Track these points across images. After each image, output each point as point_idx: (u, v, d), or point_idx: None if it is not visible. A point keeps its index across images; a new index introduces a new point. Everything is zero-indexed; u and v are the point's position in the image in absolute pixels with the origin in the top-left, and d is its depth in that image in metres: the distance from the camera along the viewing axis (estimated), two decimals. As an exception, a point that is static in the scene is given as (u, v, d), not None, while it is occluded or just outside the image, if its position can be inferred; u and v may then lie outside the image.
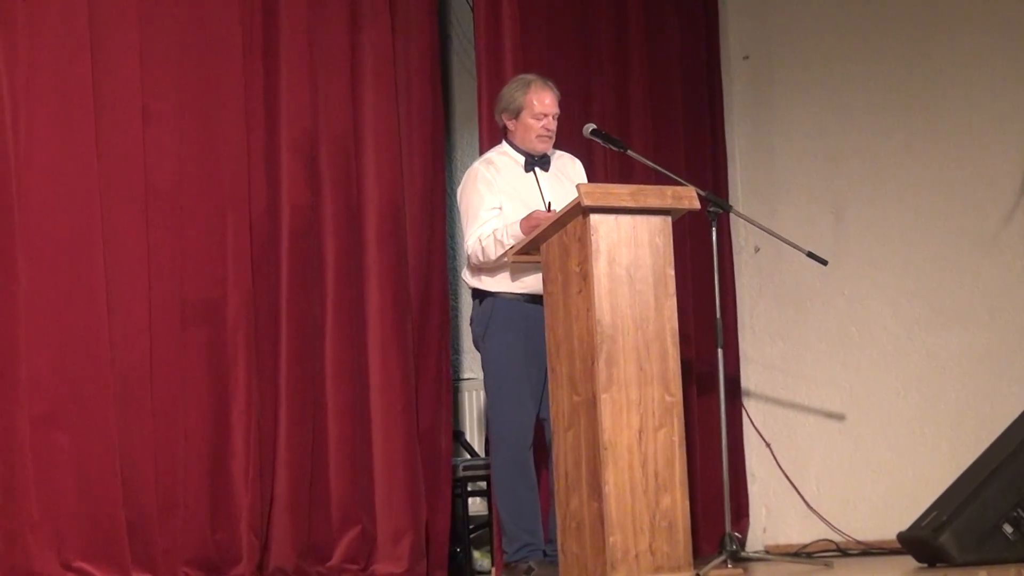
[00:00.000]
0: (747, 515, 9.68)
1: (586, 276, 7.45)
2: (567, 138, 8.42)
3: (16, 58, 7.64)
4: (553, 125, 8.31)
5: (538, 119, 8.24)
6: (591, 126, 8.35)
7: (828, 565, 8.00)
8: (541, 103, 8.27)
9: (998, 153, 8.18)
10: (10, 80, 7.63)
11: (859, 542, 8.91)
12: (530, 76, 8.46)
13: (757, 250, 9.85)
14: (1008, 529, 7.21)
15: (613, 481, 7.35)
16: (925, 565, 7.23)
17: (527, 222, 7.85)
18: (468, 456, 9.71)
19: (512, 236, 7.96)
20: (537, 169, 8.30)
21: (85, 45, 7.87)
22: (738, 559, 8.07)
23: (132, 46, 8.05)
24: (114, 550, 7.76)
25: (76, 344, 7.74)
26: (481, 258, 8.15)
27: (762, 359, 10.02)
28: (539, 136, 8.27)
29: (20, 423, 7.54)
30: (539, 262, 7.86)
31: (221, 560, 8.19)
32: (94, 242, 7.82)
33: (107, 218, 7.88)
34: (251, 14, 8.54)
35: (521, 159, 8.33)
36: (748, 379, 9.96)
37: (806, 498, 9.27)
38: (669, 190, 7.79)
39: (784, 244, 9.06)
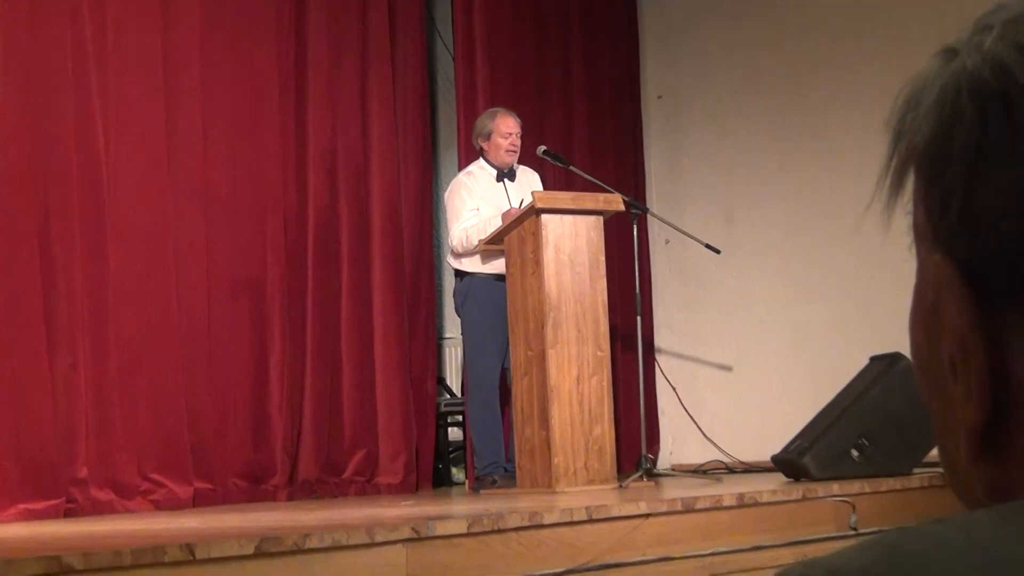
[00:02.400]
0: (658, 442, 9.67)
1: (538, 261, 7.53)
2: (524, 157, 8.46)
3: (107, 95, 7.72)
4: (517, 142, 8.36)
5: (505, 137, 8.29)
6: (542, 148, 8.32)
7: (718, 479, 7.97)
8: (506, 125, 8.32)
9: (853, 169, 8.19)
10: (103, 111, 7.71)
11: (742, 463, 8.88)
12: (496, 108, 8.52)
13: (667, 242, 9.81)
14: (855, 453, 7.20)
15: (557, 415, 7.46)
16: (792, 480, 7.23)
17: (506, 216, 7.94)
18: (448, 396, 9.70)
19: (488, 229, 8.06)
20: (506, 180, 8.32)
21: (159, 85, 7.95)
22: (651, 475, 8.08)
23: (195, 86, 8.15)
24: (180, 466, 7.89)
25: (152, 309, 7.85)
26: (465, 246, 8.23)
27: (670, 324, 10.00)
28: (507, 151, 8.31)
29: (110, 369, 7.64)
30: (503, 250, 7.93)
31: (261, 473, 8.32)
32: (166, 233, 7.94)
33: (176, 216, 8.00)
34: (286, 62, 8.60)
35: (494, 172, 8.34)
36: (660, 339, 9.91)
37: (703, 429, 9.24)
38: (601, 196, 7.87)
39: (687, 238, 9.09)
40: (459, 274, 8.46)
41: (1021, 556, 0.72)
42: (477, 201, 8.28)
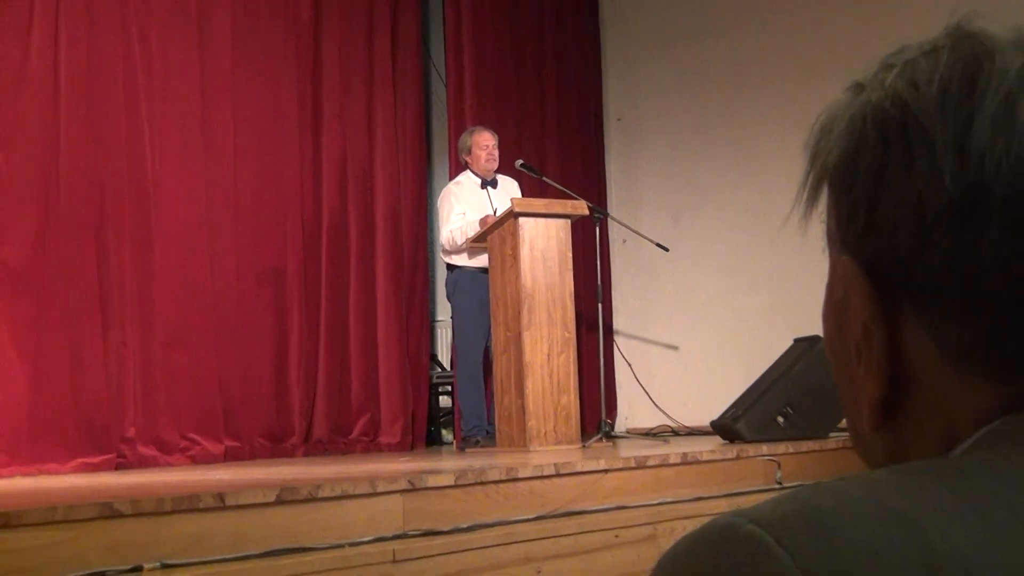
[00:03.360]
0: (615, 409, 9.67)
1: (516, 257, 7.51)
2: (504, 168, 8.45)
3: (153, 116, 7.76)
4: (495, 152, 8.34)
5: (483, 149, 8.28)
6: (520, 161, 8.26)
7: (666, 441, 7.94)
8: (483, 139, 8.32)
9: (779, 183, 8.16)
10: (150, 130, 7.74)
11: (686, 427, 8.87)
12: (474, 127, 8.52)
13: (624, 242, 9.80)
14: (780, 420, 7.19)
15: (531, 387, 7.46)
16: (727, 442, 7.23)
17: (483, 222, 7.94)
18: (439, 370, 9.69)
19: (471, 231, 8.05)
20: (489, 187, 8.29)
21: (197, 108, 7.97)
22: (609, 437, 8.04)
23: (227, 108, 8.15)
24: (213, 427, 7.92)
25: (189, 296, 7.86)
26: (453, 244, 8.22)
27: (626, 310, 9.99)
28: (486, 160, 8.30)
29: (154, 347, 7.66)
30: (486, 247, 7.92)
31: (281, 433, 8.34)
32: (202, 232, 7.96)
33: (210, 217, 8.01)
34: (304, 87, 8.59)
35: (478, 181, 8.32)
36: (617, 323, 9.89)
37: (653, 399, 9.23)
38: (569, 203, 7.83)
39: (641, 238, 9.11)
40: (449, 267, 8.45)
41: (911, 509, 0.73)
42: (464, 206, 8.26)
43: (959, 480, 0.75)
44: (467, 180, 8.43)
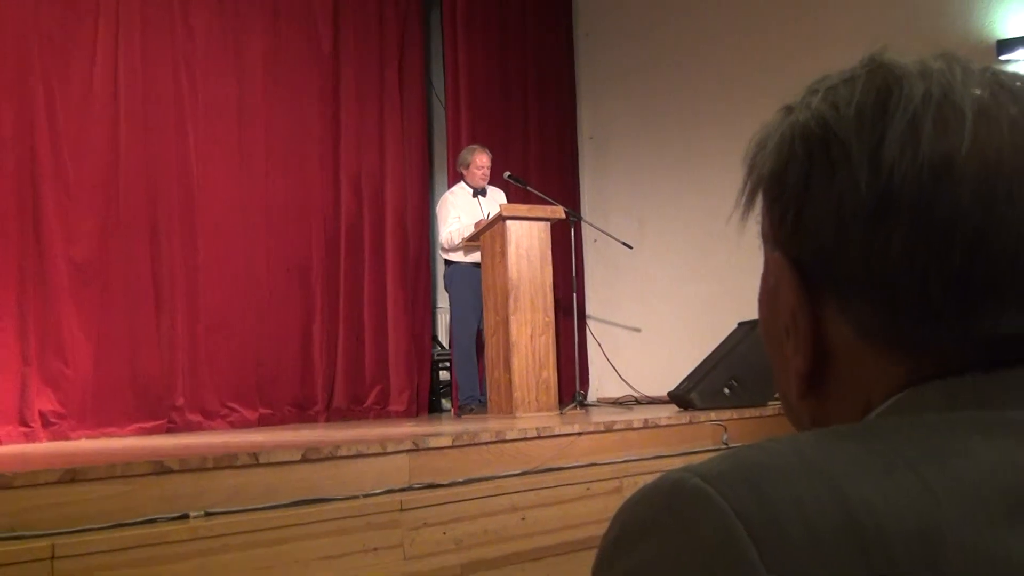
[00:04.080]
0: (588, 382, 9.66)
1: (504, 254, 7.51)
2: (493, 178, 8.44)
3: (198, 134, 7.77)
4: (488, 172, 8.34)
5: (479, 168, 8.29)
6: (507, 173, 8.25)
7: (630, 408, 7.97)
8: (481, 159, 8.31)
9: (725, 190, 8.19)
10: (195, 145, 7.74)
11: (647, 396, 8.90)
12: (474, 146, 8.49)
13: (595, 241, 9.77)
14: (727, 391, 7.20)
15: (516, 363, 7.46)
16: (682, 409, 7.23)
17: (476, 226, 7.93)
18: (440, 349, 9.68)
19: (466, 232, 8.06)
20: (480, 197, 8.29)
21: (235, 127, 7.98)
22: (582, 405, 8.06)
23: (260, 128, 8.15)
24: (249, 397, 7.92)
25: (229, 286, 7.87)
26: (450, 244, 8.22)
27: (596, 298, 9.97)
28: (480, 177, 8.31)
29: (199, 329, 7.68)
30: (479, 245, 7.91)
31: (306, 402, 8.34)
32: (239, 231, 7.98)
33: (245, 219, 8.02)
34: (326, 110, 8.57)
35: (471, 191, 8.31)
36: (589, 309, 9.87)
37: (619, 373, 9.23)
38: (548, 208, 7.81)
39: (610, 237, 9.13)
40: (447, 263, 8.44)
41: (829, 464, 0.73)
42: (459, 212, 8.26)
43: (870, 441, 0.76)
44: (461, 190, 8.41)
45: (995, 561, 0.70)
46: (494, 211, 7.89)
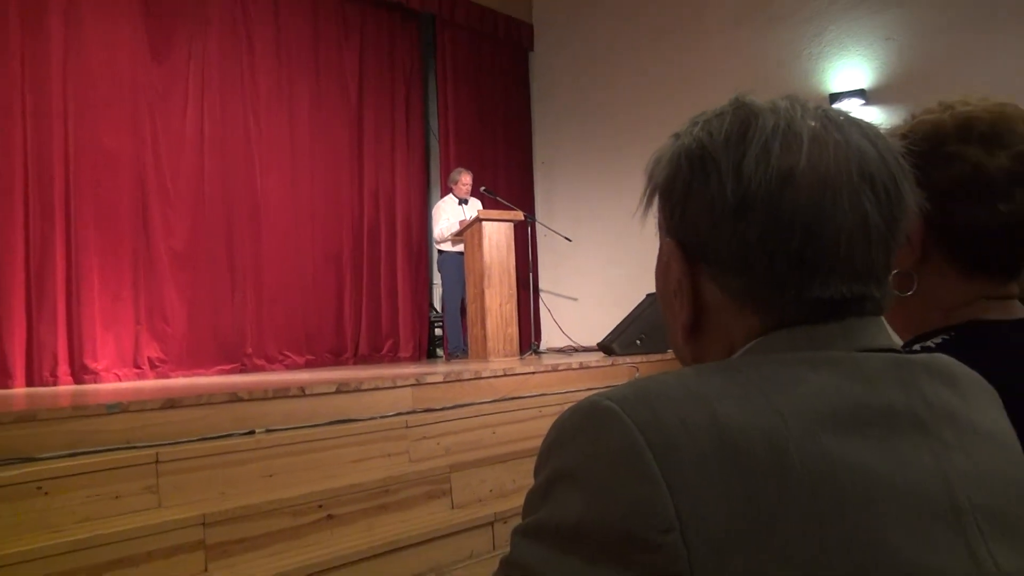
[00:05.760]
0: (540, 336, 9.65)
1: (480, 246, 7.49)
2: (473, 191, 8.42)
3: (263, 155, 7.64)
4: (470, 188, 8.21)
5: (465, 185, 8.17)
6: (483, 187, 8.28)
7: (570, 354, 8.05)
8: (466, 179, 8.19)
9: (637, 194, 8.22)
10: (259, 165, 7.64)
11: (582, 346, 8.94)
12: (460, 168, 8.39)
13: (545, 236, 9.76)
14: (638, 342, 7.27)
15: (489, 323, 7.46)
16: (607, 355, 7.28)
17: (461, 224, 7.89)
18: (435, 313, 9.67)
19: (454, 230, 8.01)
20: (463, 204, 8.18)
21: (288, 152, 7.89)
22: (536, 352, 8.17)
23: (306, 152, 8.06)
24: (298, 346, 7.87)
25: (284, 267, 7.79)
26: (441, 238, 8.16)
27: (546, 277, 9.91)
28: (464, 192, 8.19)
29: (263, 298, 7.63)
30: (463, 239, 7.86)
31: (340, 350, 8.26)
32: (291, 227, 7.89)
33: (296, 218, 7.95)
34: (353, 140, 8.51)
35: (457, 200, 8.20)
36: (542, 284, 9.76)
37: (563, 329, 9.26)
38: (511, 212, 7.79)
39: (555, 233, 9.17)
40: (440, 252, 8.34)
41: (704, 391, 0.74)
42: (448, 215, 8.16)
43: (734, 374, 0.76)
44: (450, 199, 8.32)
45: (824, 459, 0.71)
46: (473, 215, 7.85)
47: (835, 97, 7.94)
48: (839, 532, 0.68)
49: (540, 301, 9.72)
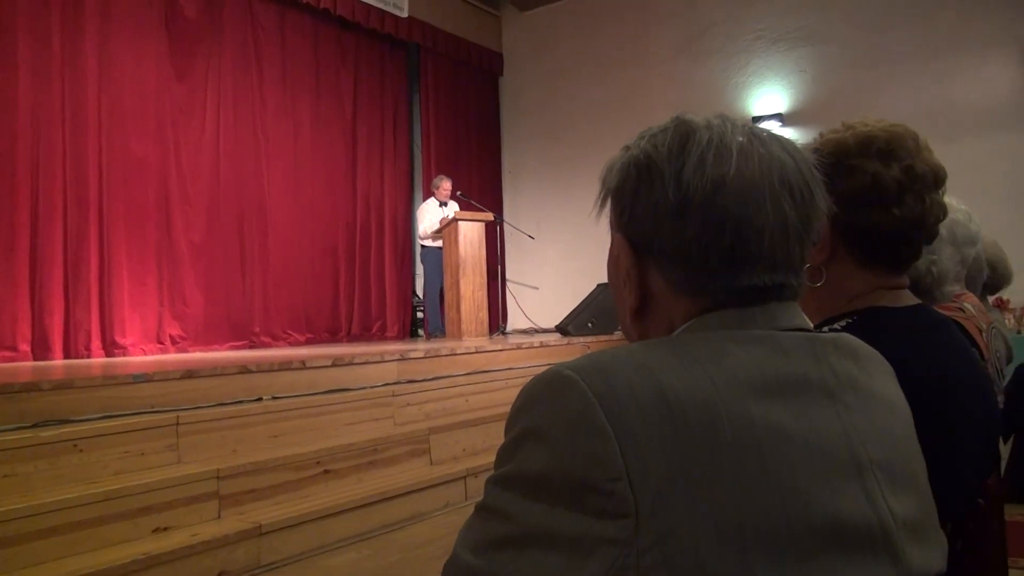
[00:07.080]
0: (507, 319, 9.63)
1: (456, 242, 7.43)
2: (452, 195, 8.39)
3: (270, 164, 7.54)
4: (449, 191, 8.11)
5: (445, 191, 8.07)
6: (459, 192, 8.25)
7: (532, 335, 8.04)
8: (446, 185, 8.08)
9: (592, 198, 8.21)
10: (267, 172, 7.55)
11: (543, 328, 8.94)
12: (441, 175, 8.28)
13: (511, 234, 9.76)
14: (590, 324, 7.30)
15: (464, 307, 7.41)
16: (564, 336, 7.31)
17: (441, 223, 7.83)
18: (417, 299, 9.61)
19: (435, 228, 7.96)
20: (443, 207, 8.08)
21: (291, 161, 7.79)
22: (504, 333, 8.16)
23: (308, 161, 7.96)
24: (300, 326, 7.77)
25: (287, 258, 7.67)
26: (424, 235, 8.09)
27: (512, 268, 9.86)
28: (444, 196, 8.09)
29: (269, 283, 7.51)
30: (442, 236, 7.78)
31: (336, 330, 8.17)
32: (293, 224, 7.77)
33: (298, 218, 7.83)
34: (349, 152, 8.42)
35: (438, 203, 8.11)
36: (508, 275, 9.74)
37: (526, 314, 9.26)
38: (483, 213, 7.72)
39: (521, 232, 9.16)
40: (422, 247, 8.26)
41: (649, 363, 0.74)
42: (430, 215, 8.07)
43: (674, 349, 0.76)
44: (431, 202, 8.22)
45: (749, 421, 0.71)
46: (451, 215, 7.81)
47: (757, 120, 7.99)
48: (761, 482, 0.69)
49: (507, 289, 9.70)
